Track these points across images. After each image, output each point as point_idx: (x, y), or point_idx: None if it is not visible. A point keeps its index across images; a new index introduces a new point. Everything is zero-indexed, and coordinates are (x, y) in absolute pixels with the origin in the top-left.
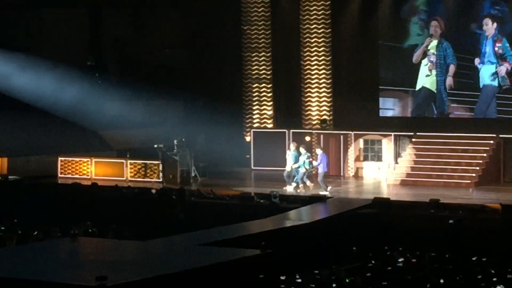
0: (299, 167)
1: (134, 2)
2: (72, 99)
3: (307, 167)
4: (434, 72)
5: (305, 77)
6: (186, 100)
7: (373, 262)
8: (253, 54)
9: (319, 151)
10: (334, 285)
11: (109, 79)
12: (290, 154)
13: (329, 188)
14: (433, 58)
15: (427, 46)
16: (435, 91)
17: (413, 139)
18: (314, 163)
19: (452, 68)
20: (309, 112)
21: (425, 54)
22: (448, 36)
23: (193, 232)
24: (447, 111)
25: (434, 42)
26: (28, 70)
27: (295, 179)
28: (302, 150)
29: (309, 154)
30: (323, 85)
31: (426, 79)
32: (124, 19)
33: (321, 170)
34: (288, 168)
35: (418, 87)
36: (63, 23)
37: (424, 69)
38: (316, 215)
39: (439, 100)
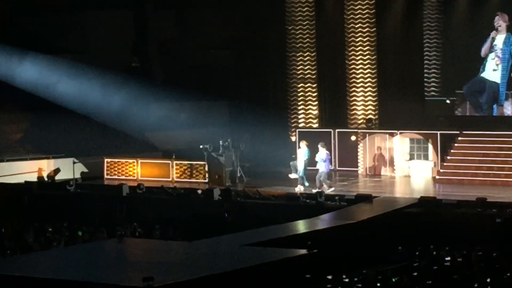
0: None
1: (179, 3)
2: (118, 101)
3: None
4: (500, 66)
5: (350, 76)
6: (231, 100)
7: (419, 261)
8: (298, 54)
9: (323, 150)
10: (380, 284)
11: (154, 80)
12: (301, 153)
13: (330, 189)
14: (499, 53)
15: (493, 39)
16: (499, 83)
17: (460, 138)
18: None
19: None
20: (354, 112)
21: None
22: None
23: (239, 232)
24: (501, 103)
25: (501, 37)
26: (75, 75)
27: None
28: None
29: (328, 152)
30: (368, 84)
31: (493, 73)
32: (169, 20)
33: (323, 169)
34: (300, 167)
35: (486, 77)
36: (108, 25)
37: (491, 63)
38: (362, 215)
39: (500, 92)
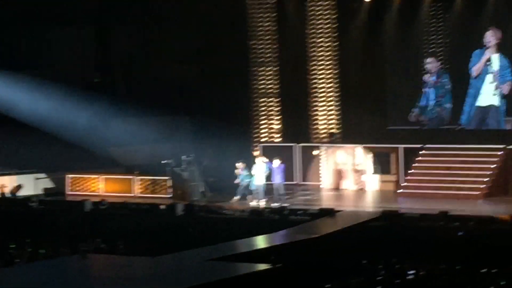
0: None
1: (142, 18)
2: (80, 117)
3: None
4: (498, 91)
5: (313, 90)
6: (194, 115)
7: (383, 274)
8: (261, 69)
9: (277, 162)
10: None
11: (117, 95)
12: (261, 169)
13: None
14: (498, 77)
15: (488, 60)
16: (498, 106)
17: (422, 151)
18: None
19: (506, 87)
20: (317, 126)
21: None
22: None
23: (203, 247)
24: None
25: (496, 56)
26: (36, 91)
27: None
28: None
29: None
30: (331, 98)
31: (493, 98)
32: (131, 35)
33: (279, 180)
34: (261, 182)
35: (484, 104)
36: (70, 40)
37: (489, 87)
38: (325, 229)
39: (500, 114)
